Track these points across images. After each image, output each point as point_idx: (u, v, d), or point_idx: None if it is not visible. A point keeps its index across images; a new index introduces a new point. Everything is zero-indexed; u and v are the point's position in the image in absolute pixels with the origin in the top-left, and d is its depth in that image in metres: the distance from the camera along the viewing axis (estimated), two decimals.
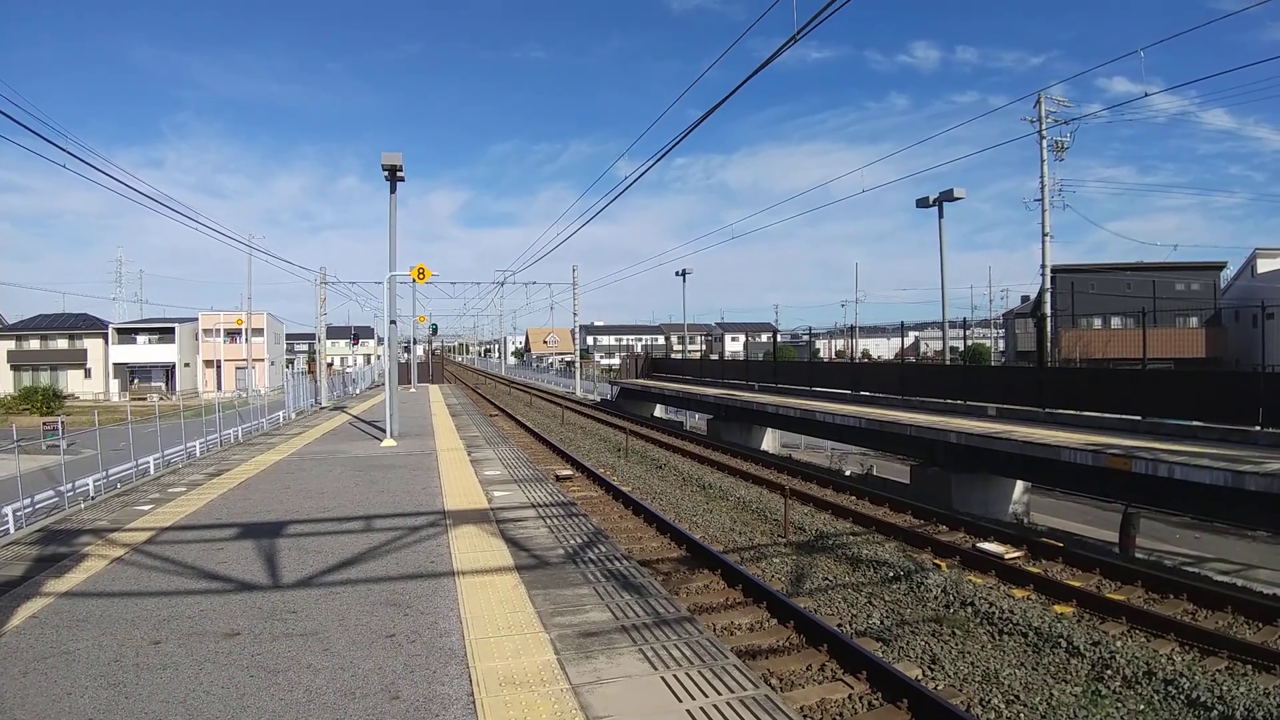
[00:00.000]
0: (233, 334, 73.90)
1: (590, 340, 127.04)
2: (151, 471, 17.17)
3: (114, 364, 72.37)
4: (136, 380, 71.84)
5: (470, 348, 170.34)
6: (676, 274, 55.16)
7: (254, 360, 68.82)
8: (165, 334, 74.13)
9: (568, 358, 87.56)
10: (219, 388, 67.63)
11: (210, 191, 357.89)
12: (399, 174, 19.46)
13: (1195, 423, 15.60)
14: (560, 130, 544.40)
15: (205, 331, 75.98)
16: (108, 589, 7.19)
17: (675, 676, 5.18)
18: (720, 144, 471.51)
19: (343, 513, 10.66)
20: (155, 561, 8.13)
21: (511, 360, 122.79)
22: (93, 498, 14.27)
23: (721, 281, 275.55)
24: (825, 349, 70.09)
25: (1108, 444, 14.49)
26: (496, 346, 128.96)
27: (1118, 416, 17.18)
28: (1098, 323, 50.58)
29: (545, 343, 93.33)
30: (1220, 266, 54.03)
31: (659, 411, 42.37)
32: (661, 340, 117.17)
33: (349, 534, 9.41)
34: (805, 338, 64.56)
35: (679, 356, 61.47)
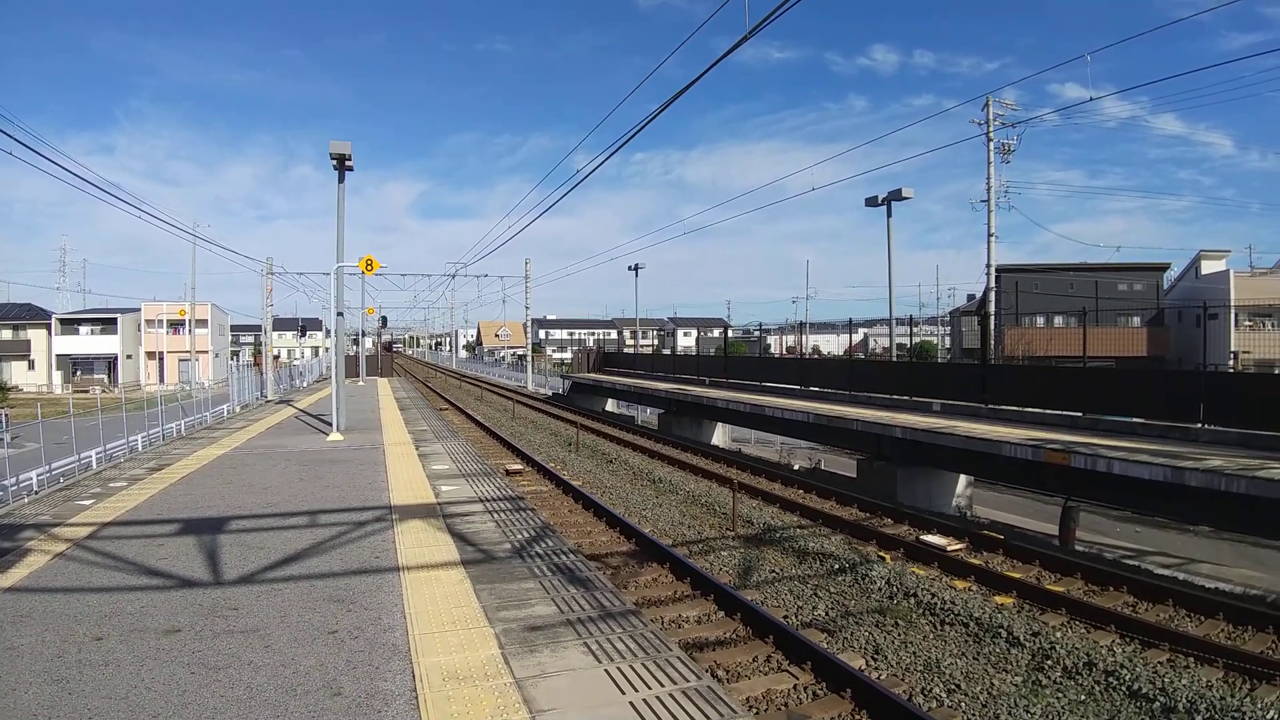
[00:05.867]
0: (176, 325, 72.39)
1: (543, 334, 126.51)
2: (94, 466, 16.81)
3: (57, 355, 70.07)
4: (79, 372, 69.71)
5: (421, 341, 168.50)
6: (630, 269, 55.11)
7: (197, 352, 67.51)
8: (108, 325, 71.92)
9: (520, 351, 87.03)
10: (161, 380, 66.09)
11: (160, 179, 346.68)
12: (348, 163, 19.29)
13: (1136, 419, 15.95)
14: (521, 124, 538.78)
15: (148, 322, 73.90)
16: (50, 584, 7.06)
17: (619, 669, 5.21)
18: (680, 139, 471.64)
19: (286, 508, 10.52)
20: (97, 557, 7.98)
21: (463, 354, 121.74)
22: (36, 492, 13.98)
23: (675, 277, 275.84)
24: (776, 345, 70.64)
25: (1048, 439, 14.82)
26: (447, 340, 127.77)
27: (1059, 413, 17.55)
28: (1041, 321, 51.52)
29: (497, 336, 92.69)
30: (1163, 268, 55.11)
31: (611, 406, 42.41)
32: (614, 335, 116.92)
33: (292, 529, 9.29)
34: (757, 333, 64.79)
35: (631, 351, 61.47)
